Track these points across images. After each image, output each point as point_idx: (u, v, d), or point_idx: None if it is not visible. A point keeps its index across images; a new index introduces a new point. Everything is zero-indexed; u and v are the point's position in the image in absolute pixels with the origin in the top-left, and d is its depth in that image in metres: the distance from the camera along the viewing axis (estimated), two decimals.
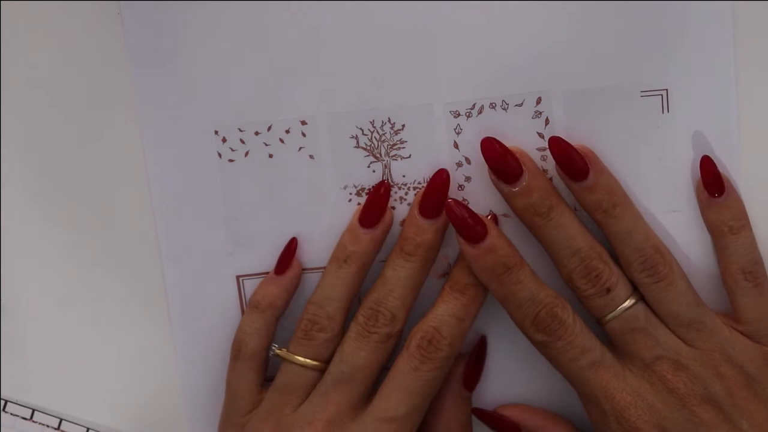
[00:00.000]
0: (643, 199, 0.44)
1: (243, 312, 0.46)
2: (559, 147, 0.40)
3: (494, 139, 0.40)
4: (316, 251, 0.45)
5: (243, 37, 0.43)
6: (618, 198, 0.40)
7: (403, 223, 0.45)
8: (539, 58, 0.43)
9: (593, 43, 0.42)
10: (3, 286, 0.46)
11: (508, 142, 0.41)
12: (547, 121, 0.43)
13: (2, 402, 0.46)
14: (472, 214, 0.39)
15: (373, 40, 0.43)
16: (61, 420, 0.46)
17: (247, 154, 0.45)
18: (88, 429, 0.47)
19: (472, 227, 0.39)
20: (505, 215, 0.44)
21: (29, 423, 0.46)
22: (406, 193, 0.45)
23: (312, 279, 0.45)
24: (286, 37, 0.43)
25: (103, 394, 0.47)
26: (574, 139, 0.42)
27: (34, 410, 0.46)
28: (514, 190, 0.40)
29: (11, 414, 0.46)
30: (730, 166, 0.43)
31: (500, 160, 0.40)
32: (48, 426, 0.46)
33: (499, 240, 0.39)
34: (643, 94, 0.43)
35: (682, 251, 0.44)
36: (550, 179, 0.43)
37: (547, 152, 0.44)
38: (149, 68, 0.44)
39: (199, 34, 0.44)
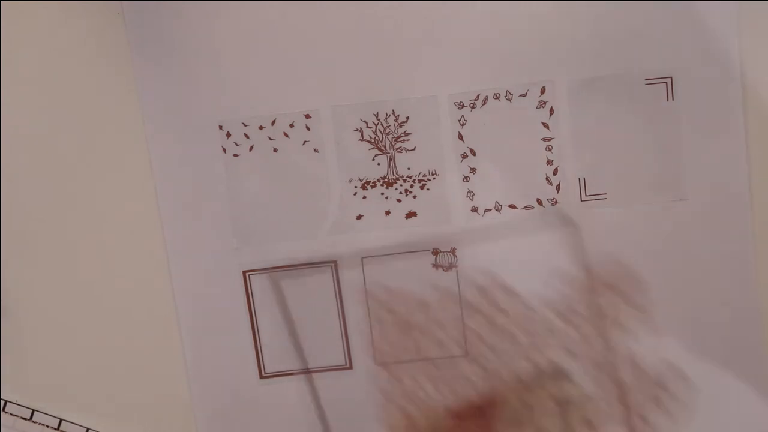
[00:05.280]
0: (648, 189, 0.43)
1: (250, 307, 0.45)
2: None
3: None
4: (321, 245, 0.45)
5: (245, 32, 0.44)
6: None
7: (408, 216, 0.45)
8: (543, 47, 0.43)
9: (597, 32, 0.43)
10: (3, 286, 0.45)
11: (514, 133, 0.42)
12: (551, 111, 0.43)
13: (2, 402, 0.45)
14: None
15: (377, 33, 0.43)
16: (60, 420, 0.45)
17: (251, 148, 0.45)
18: (87, 429, 0.46)
19: None
20: (510, 206, 0.44)
21: (29, 423, 0.45)
22: (411, 186, 0.45)
23: (315, 273, 0.45)
24: (289, 32, 0.44)
25: (104, 394, 0.46)
26: (580, 128, 0.42)
27: (33, 410, 0.45)
28: None
29: (11, 414, 0.45)
30: (735, 155, 0.43)
31: None
32: (48, 426, 0.45)
33: None
34: (648, 82, 0.43)
35: (689, 240, 0.44)
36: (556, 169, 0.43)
37: (552, 143, 0.44)
38: (152, 65, 0.44)
39: (201, 31, 0.44)
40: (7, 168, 0.45)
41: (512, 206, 0.44)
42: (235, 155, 0.45)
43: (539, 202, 0.44)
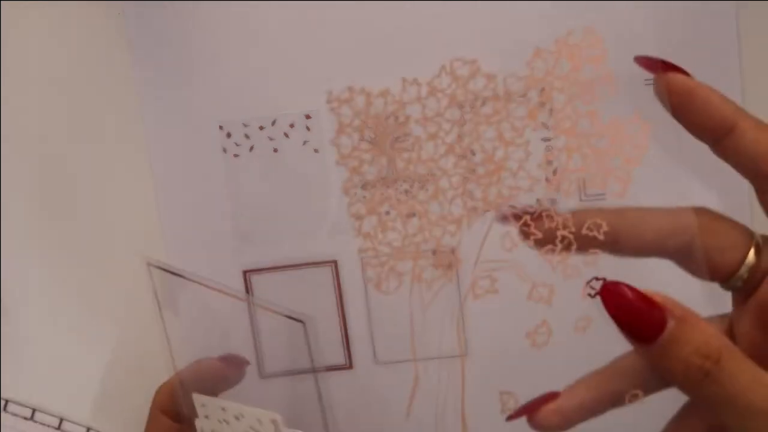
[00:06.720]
0: (648, 191, 0.43)
1: (250, 308, 0.46)
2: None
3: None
4: (321, 245, 0.45)
5: (244, 32, 0.44)
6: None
7: (407, 216, 0.45)
8: (542, 47, 0.43)
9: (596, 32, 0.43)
10: (3, 286, 0.46)
11: (514, 132, 0.41)
12: (551, 111, 0.43)
13: (3, 402, 0.45)
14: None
15: (376, 33, 0.43)
16: (61, 420, 0.45)
17: (251, 148, 0.45)
18: (88, 429, 0.46)
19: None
20: (511, 207, 0.44)
21: (29, 423, 0.45)
22: (411, 186, 0.45)
23: (315, 273, 0.45)
24: (289, 32, 0.44)
25: (104, 394, 0.46)
26: (580, 128, 0.42)
27: (34, 410, 0.46)
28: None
29: (12, 414, 0.45)
30: None
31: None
32: (48, 426, 0.45)
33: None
34: (647, 82, 0.43)
35: None
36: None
37: (553, 143, 0.43)
38: (152, 65, 0.44)
39: (201, 31, 0.44)
40: (6, 168, 0.45)
41: (512, 207, 0.44)
42: (235, 155, 0.45)
43: (539, 202, 0.44)
